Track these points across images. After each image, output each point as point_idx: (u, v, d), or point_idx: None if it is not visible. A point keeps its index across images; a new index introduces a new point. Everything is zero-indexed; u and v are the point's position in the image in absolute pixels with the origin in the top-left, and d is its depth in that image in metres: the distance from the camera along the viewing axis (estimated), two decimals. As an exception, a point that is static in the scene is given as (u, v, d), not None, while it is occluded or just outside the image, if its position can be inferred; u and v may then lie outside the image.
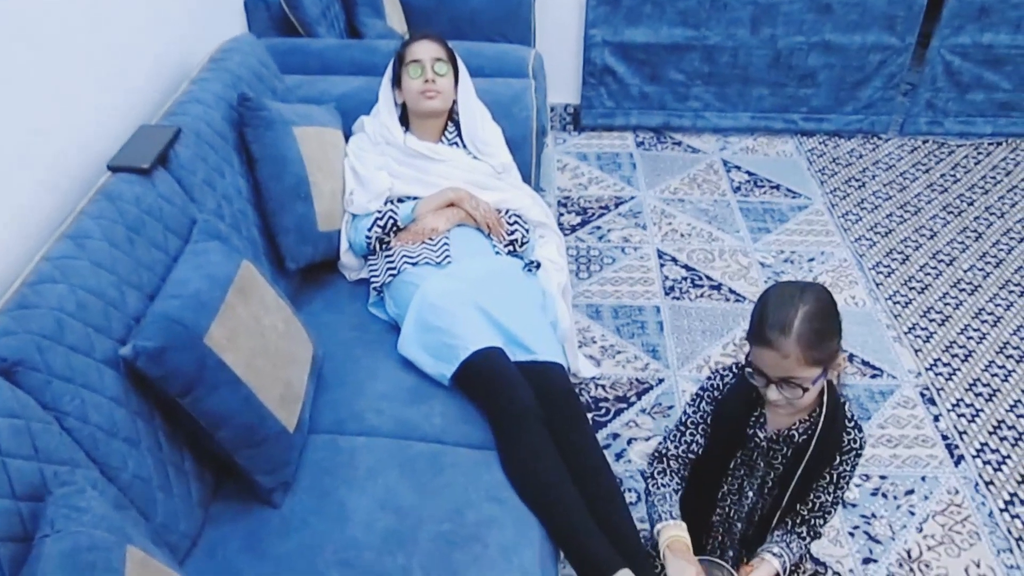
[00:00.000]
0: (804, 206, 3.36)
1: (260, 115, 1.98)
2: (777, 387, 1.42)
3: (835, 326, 1.41)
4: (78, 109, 1.70)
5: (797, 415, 1.53)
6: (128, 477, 1.34)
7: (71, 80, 1.68)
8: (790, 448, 1.55)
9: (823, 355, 1.39)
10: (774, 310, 1.39)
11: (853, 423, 1.55)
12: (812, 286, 1.43)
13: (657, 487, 1.63)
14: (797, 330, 1.36)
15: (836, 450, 1.54)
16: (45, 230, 1.56)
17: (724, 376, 1.62)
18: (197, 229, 1.66)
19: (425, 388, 1.85)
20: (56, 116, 1.63)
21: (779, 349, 1.37)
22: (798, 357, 1.36)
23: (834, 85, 3.68)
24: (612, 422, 2.41)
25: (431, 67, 2.16)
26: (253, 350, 1.54)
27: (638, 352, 2.64)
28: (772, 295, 1.43)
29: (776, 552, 1.57)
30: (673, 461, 1.65)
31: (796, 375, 1.39)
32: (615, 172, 3.56)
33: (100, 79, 1.79)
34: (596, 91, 3.72)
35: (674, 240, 3.15)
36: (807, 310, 1.37)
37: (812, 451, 1.52)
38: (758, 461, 1.60)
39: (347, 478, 1.63)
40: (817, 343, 1.37)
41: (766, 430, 1.56)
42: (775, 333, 1.37)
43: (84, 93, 1.73)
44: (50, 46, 1.61)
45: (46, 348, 1.26)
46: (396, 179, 2.17)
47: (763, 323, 1.39)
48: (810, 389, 1.41)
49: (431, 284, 1.96)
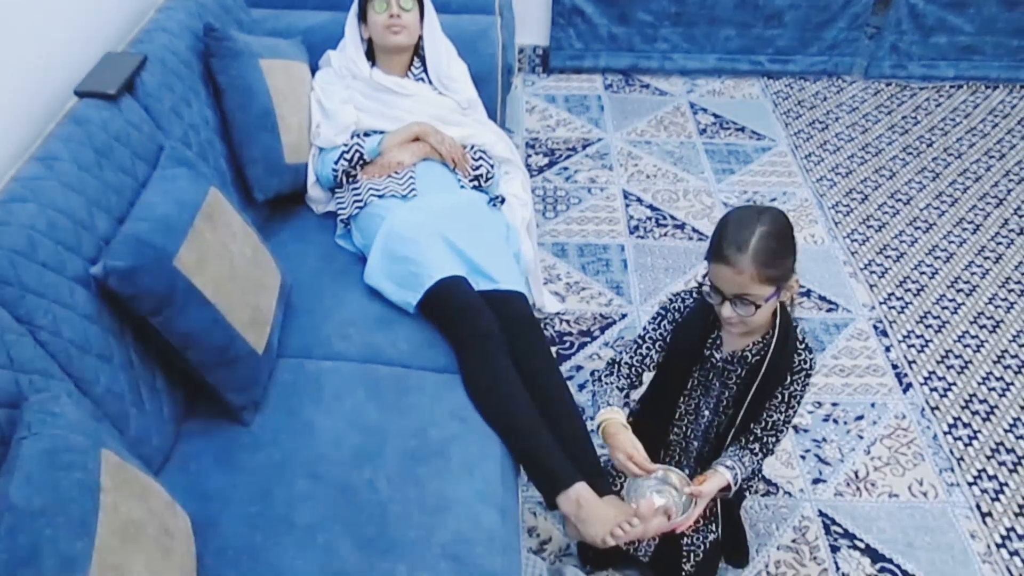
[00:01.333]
0: (768, 148, 3.42)
1: (226, 45, 1.98)
2: (732, 304, 1.48)
3: (789, 247, 1.48)
4: (43, 35, 1.71)
5: (751, 336, 1.60)
6: (101, 391, 1.39)
7: (36, 6, 1.68)
8: (744, 368, 1.63)
9: (777, 273, 1.46)
10: (733, 229, 1.46)
11: (804, 344, 1.62)
12: (769, 209, 1.49)
13: (602, 384, 1.71)
14: (753, 248, 1.42)
15: (787, 370, 1.61)
16: (14, 152, 1.58)
17: (685, 299, 1.69)
18: (165, 156, 1.68)
19: (391, 315, 1.90)
20: (21, 42, 1.63)
21: (735, 266, 1.43)
22: (752, 274, 1.43)
23: (800, 25, 3.71)
24: (576, 355, 2.48)
25: (396, 2, 2.17)
26: (222, 274, 1.58)
27: (602, 288, 2.71)
28: (732, 216, 1.50)
29: (728, 465, 1.65)
30: (624, 367, 1.71)
31: (750, 292, 1.46)
32: (583, 114, 3.59)
33: (65, 6, 1.79)
34: (565, 32, 3.72)
35: (640, 181, 3.20)
36: (763, 230, 1.44)
37: (765, 370, 1.60)
38: (714, 381, 1.68)
39: (315, 399, 1.68)
40: (771, 261, 1.44)
41: (722, 351, 1.64)
42: (732, 250, 1.44)
43: (48, 19, 1.73)
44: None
45: (19, 263, 1.29)
46: (362, 113, 2.20)
47: (722, 241, 1.46)
48: (763, 307, 1.48)
49: (397, 215, 2.00)
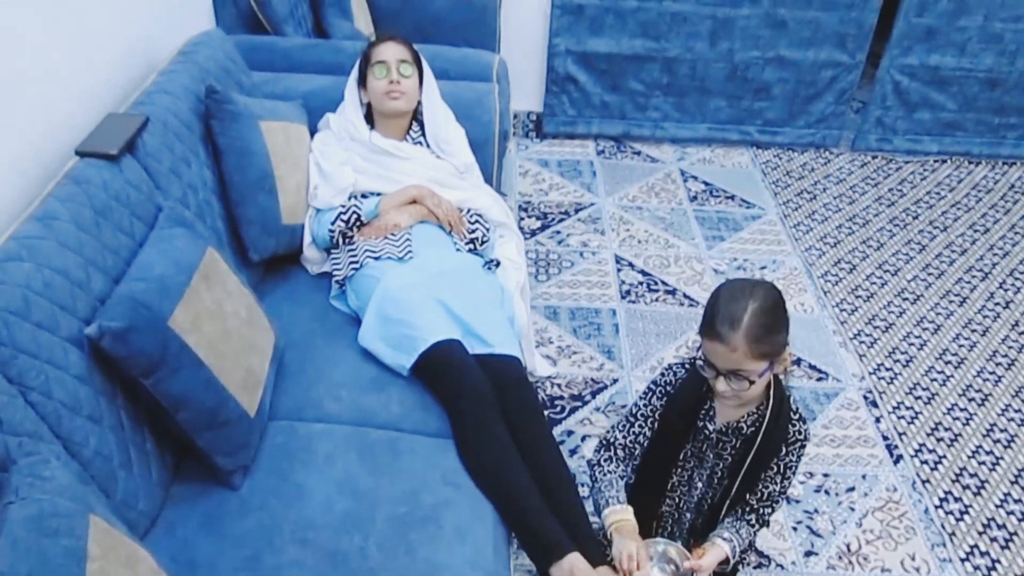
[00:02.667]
0: (758, 216, 3.46)
1: (227, 108, 2.01)
2: (726, 379, 1.48)
3: (782, 322, 1.48)
4: (47, 96, 1.72)
5: (745, 407, 1.60)
6: (90, 454, 1.36)
7: (40, 67, 1.70)
8: (739, 440, 1.62)
9: (770, 349, 1.45)
10: (725, 305, 1.45)
11: (798, 415, 1.62)
12: (762, 283, 1.49)
13: (603, 473, 1.68)
14: (746, 324, 1.42)
15: (782, 441, 1.60)
16: (13, 212, 1.58)
17: (676, 372, 1.68)
18: (163, 216, 1.69)
19: (384, 378, 1.89)
20: (25, 102, 1.65)
21: (728, 343, 1.43)
22: (745, 351, 1.43)
23: (788, 99, 3.80)
24: (567, 419, 2.47)
25: (396, 68, 2.20)
26: (216, 334, 1.57)
27: (594, 353, 2.71)
28: (724, 291, 1.49)
29: (726, 537, 1.63)
30: (620, 450, 1.70)
31: (744, 368, 1.45)
32: (576, 179, 3.63)
33: (69, 67, 1.81)
34: (558, 99, 3.79)
35: (632, 246, 3.23)
36: (756, 306, 1.43)
37: (760, 442, 1.59)
38: (707, 453, 1.66)
39: (305, 462, 1.66)
40: (764, 337, 1.43)
41: (716, 422, 1.63)
42: (725, 327, 1.43)
43: (53, 80, 1.75)
44: (18, 33, 1.63)
45: (12, 323, 1.28)
46: (360, 175, 2.22)
47: (714, 317, 1.46)
48: (756, 382, 1.48)
49: (392, 277, 2.00)
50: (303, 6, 2.88)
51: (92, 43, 1.93)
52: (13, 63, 1.61)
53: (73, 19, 1.84)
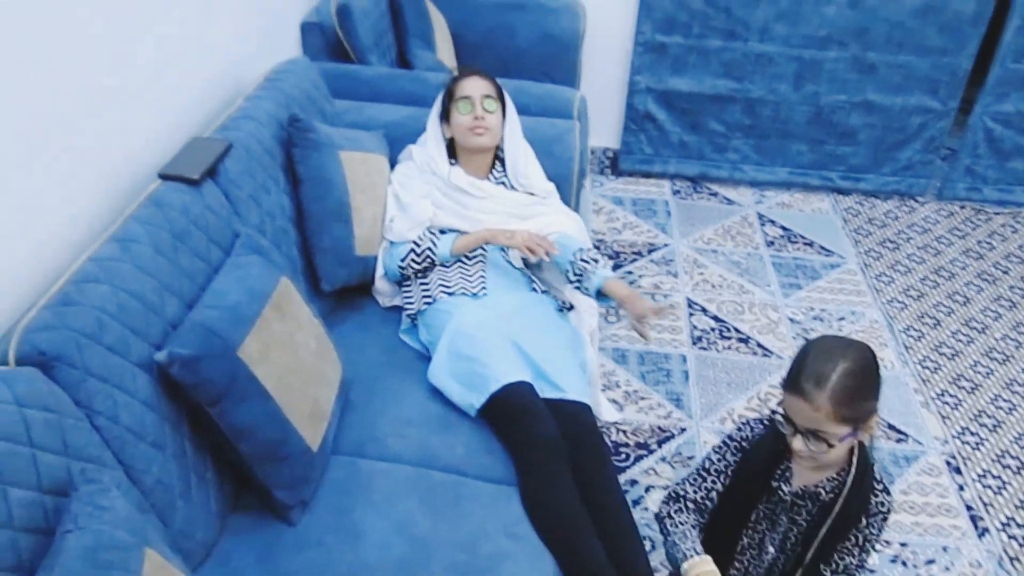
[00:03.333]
0: (837, 264, 3.35)
1: (308, 136, 2.01)
2: (804, 438, 1.41)
3: (872, 388, 1.40)
4: (134, 118, 1.74)
5: (823, 471, 1.51)
6: (151, 481, 1.35)
7: (129, 90, 1.73)
8: (815, 505, 1.53)
9: (855, 414, 1.38)
10: (814, 361, 1.38)
11: (882, 486, 1.53)
12: (857, 344, 1.42)
13: (675, 525, 1.59)
14: (833, 385, 1.35)
15: (863, 511, 1.51)
16: (95, 231, 1.60)
17: (754, 428, 1.61)
18: (240, 243, 1.69)
19: (449, 417, 1.85)
20: (113, 124, 1.67)
21: (811, 401, 1.36)
22: (828, 412, 1.35)
23: (873, 145, 3.68)
24: (631, 468, 2.39)
25: (480, 104, 2.17)
26: (284, 366, 1.55)
27: (662, 400, 2.63)
28: (815, 346, 1.42)
29: None
30: (690, 503, 1.62)
31: (824, 429, 1.38)
32: (650, 218, 3.57)
33: (157, 91, 1.83)
34: (636, 137, 3.74)
35: (705, 290, 3.14)
36: (846, 367, 1.36)
37: (838, 511, 1.50)
38: (781, 516, 1.58)
39: (365, 501, 1.63)
40: (850, 401, 1.36)
41: (791, 484, 1.55)
42: (810, 384, 1.36)
43: (141, 103, 1.77)
44: (111, 57, 1.66)
45: (85, 346, 1.28)
46: (439, 210, 2.18)
47: (800, 372, 1.39)
48: (836, 446, 1.40)
49: (466, 314, 1.97)
50: (388, 36, 2.90)
51: (183, 67, 1.95)
52: (104, 82, 1.64)
53: (165, 43, 1.87)
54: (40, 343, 1.24)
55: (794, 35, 3.44)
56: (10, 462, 1.10)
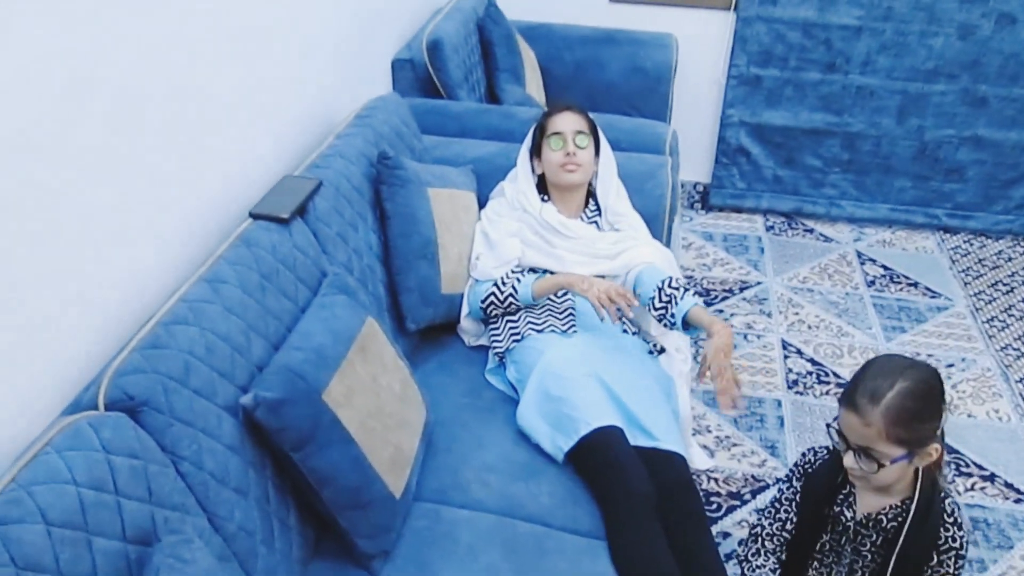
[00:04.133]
0: (944, 307, 3.16)
1: (397, 173, 2.00)
2: (855, 455, 1.39)
3: (931, 412, 1.37)
4: (229, 158, 1.76)
5: (886, 496, 1.48)
6: (234, 528, 1.33)
7: (224, 131, 1.74)
8: (879, 535, 1.49)
9: (909, 436, 1.35)
10: (872, 377, 1.37)
11: (953, 519, 1.46)
12: (920, 364, 1.39)
13: (752, 569, 1.57)
14: (887, 402, 1.34)
15: (932, 547, 1.45)
16: (186, 270, 1.60)
17: (817, 453, 1.59)
18: (327, 282, 1.67)
19: (534, 464, 1.79)
20: (207, 164, 1.68)
21: (863, 416, 1.35)
22: (880, 430, 1.34)
23: (983, 182, 3.49)
24: (723, 520, 2.27)
25: (572, 139, 2.12)
26: (368, 410, 1.52)
27: (755, 447, 2.51)
28: (876, 362, 1.41)
29: None
30: (768, 541, 1.59)
31: (876, 448, 1.36)
32: (742, 255, 3.45)
33: (251, 131, 1.85)
34: (728, 171, 3.64)
35: (800, 331, 3.01)
36: (905, 386, 1.35)
37: (903, 542, 1.45)
38: (845, 546, 1.53)
39: (448, 552, 1.57)
40: (905, 422, 1.34)
41: (854, 511, 1.51)
42: (864, 399, 1.35)
43: (236, 143, 1.78)
44: (207, 99, 1.67)
45: (172, 390, 1.27)
46: (528, 248, 2.13)
47: (856, 387, 1.38)
48: (887, 467, 1.37)
49: (555, 352, 1.91)
50: (478, 71, 2.89)
51: (277, 107, 1.97)
52: (200, 123, 1.65)
53: (260, 84, 1.88)
54: (129, 387, 1.23)
55: (898, 67, 3.30)
56: (95, 511, 1.09)
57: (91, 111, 1.33)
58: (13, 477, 1.08)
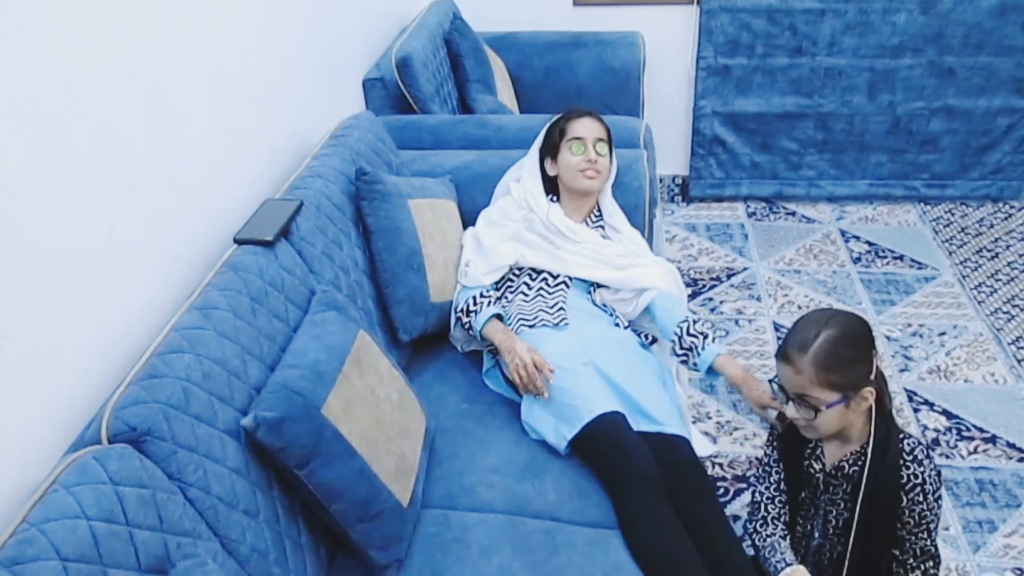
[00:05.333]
0: (931, 277, 3.19)
1: (376, 188, 2.01)
2: (795, 405, 1.48)
3: (858, 355, 1.46)
4: (209, 187, 1.77)
5: (846, 446, 1.54)
6: (247, 550, 1.33)
7: (202, 160, 1.75)
8: (847, 483, 1.54)
9: (840, 380, 1.43)
10: (800, 329, 1.47)
11: (912, 456, 1.50)
12: (843, 314, 1.49)
13: (763, 540, 1.62)
14: (815, 350, 1.42)
15: (897, 487, 1.49)
16: (177, 300, 1.61)
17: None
18: (316, 300, 1.68)
19: (537, 462, 1.80)
20: (189, 194, 1.69)
21: (794, 365, 1.44)
22: (811, 376, 1.43)
23: (958, 151, 3.53)
24: (732, 503, 2.29)
25: (593, 146, 2.14)
26: (368, 421, 1.53)
27: (756, 429, 2.52)
28: (805, 316, 1.51)
29: None
30: (770, 505, 1.64)
31: (811, 394, 1.44)
32: (726, 243, 3.48)
33: (229, 159, 1.86)
34: (705, 161, 3.67)
35: (791, 312, 3.03)
36: (830, 333, 1.43)
37: (865, 485, 1.50)
38: (820, 498, 1.59)
39: (460, 556, 1.58)
40: (833, 366, 1.42)
41: (822, 462, 1.57)
42: (794, 350, 1.45)
43: (214, 172, 1.79)
44: (187, 132, 1.69)
45: (173, 417, 1.28)
46: (528, 249, 2.13)
47: (788, 339, 1.48)
48: (824, 412, 1.45)
49: (550, 345, 1.92)
50: (448, 83, 2.92)
51: (256, 135, 1.98)
52: (180, 156, 1.66)
53: (240, 114, 1.90)
54: (130, 419, 1.24)
55: (864, 45, 3.34)
56: (108, 543, 1.10)
57: (71, 150, 1.34)
58: (24, 517, 1.08)
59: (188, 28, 1.70)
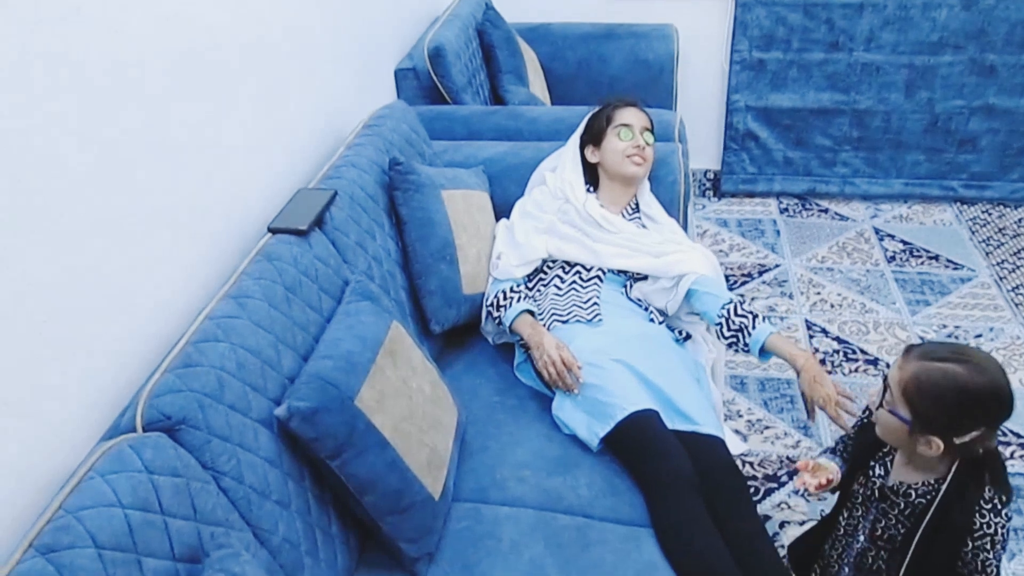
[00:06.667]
0: (968, 278, 3.14)
1: (409, 178, 2.00)
2: (883, 389, 1.42)
3: (958, 409, 1.35)
4: (244, 176, 1.76)
5: (918, 473, 1.47)
6: (278, 540, 1.32)
7: (240, 150, 1.75)
8: (907, 507, 1.47)
9: (918, 406, 1.36)
10: (947, 346, 1.40)
11: (991, 506, 1.41)
12: (991, 375, 1.35)
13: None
14: (927, 366, 1.35)
15: (965, 531, 1.42)
16: (211, 288, 1.61)
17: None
18: (350, 290, 1.67)
19: (570, 457, 1.78)
20: (225, 183, 1.69)
21: (903, 359, 1.39)
22: (903, 380, 1.37)
23: (998, 151, 3.46)
24: (762, 503, 2.26)
25: (640, 134, 2.15)
26: (400, 413, 1.52)
27: (788, 428, 2.49)
28: (968, 346, 1.43)
29: None
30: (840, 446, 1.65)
31: (892, 390, 1.39)
32: (758, 239, 3.44)
33: (265, 148, 1.85)
34: (738, 156, 3.63)
35: (824, 311, 2.99)
36: (952, 369, 1.33)
37: (930, 519, 1.43)
38: (873, 503, 1.54)
39: (491, 551, 1.57)
40: (923, 391, 1.35)
41: (887, 473, 1.51)
42: (917, 350, 1.38)
43: (251, 163, 1.79)
44: (224, 122, 1.68)
45: (207, 406, 1.27)
46: (560, 241, 2.11)
47: (929, 342, 1.42)
48: (884, 411, 1.41)
49: (583, 341, 1.89)
50: (480, 75, 2.89)
51: (291, 125, 1.98)
52: (218, 146, 1.66)
53: (275, 103, 1.89)
54: (165, 407, 1.23)
55: (903, 42, 3.28)
56: (143, 531, 1.09)
57: (114, 135, 1.34)
58: (60, 504, 1.08)
59: (227, 16, 1.69)
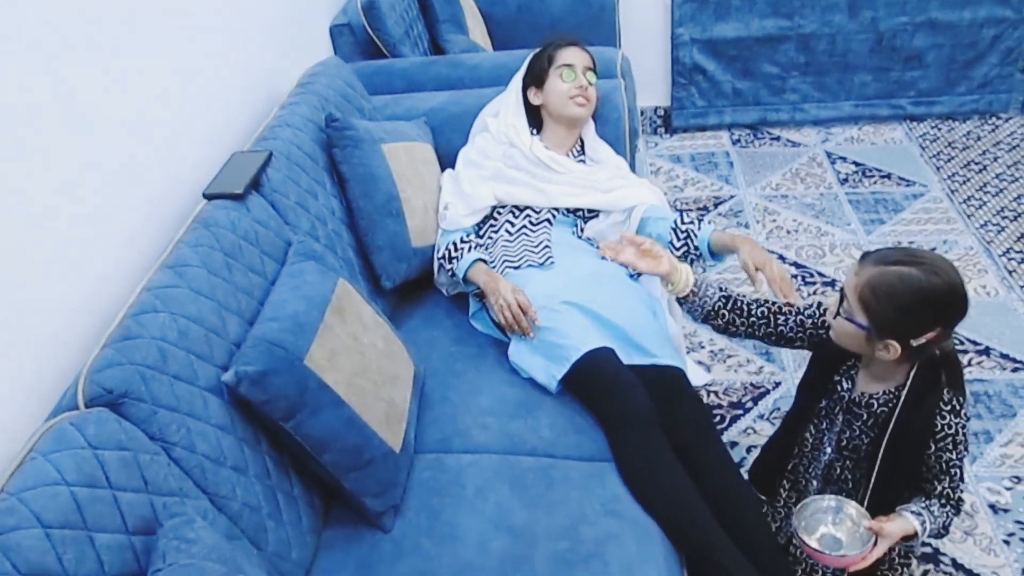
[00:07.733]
0: (920, 194, 3.16)
1: (348, 135, 1.96)
2: (840, 299, 1.42)
3: (910, 309, 1.35)
4: (174, 142, 1.72)
5: (880, 383, 1.50)
6: (238, 506, 1.31)
7: (169, 116, 1.70)
8: (870, 417, 1.50)
9: (875, 310, 1.36)
10: (900, 249, 1.41)
11: (950, 408, 1.45)
12: (945, 275, 1.36)
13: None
14: (882, 270, 1.35)
15: (927, 435, 1.45)
16: (147, 260, 1.57)
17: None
18: (293, 250, 1.64)
19: (531, 400, 1.78)
20: (153, 150, 1.64)
21: (859, 265, 1.39)
22: (859, 285, 1.37)
23: (944, 66, 3.47)
24: (728, 430, 2.29)
25: (583, 74, 2.11)
26: (353, 370, 1.50)
27: (750, 355, 2.51)
28: (923, 250, 1.42)
29: (915, 511, 1.45)
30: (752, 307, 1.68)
31: (849, 297, 1.40)
32: (711, 172, 3.43)
33: (194, 112, 1.80)
34: (686, 91, 3.61)
35: (780, 237, 3.00)
36: (907, 271, 1.33)
37: (892, 430, 1.46)
38: (838, 415, 1.56)
39: (457, 498, 1.57)
40: (879, 295, 1.35)
41: (853, 385, 1.54)
42: (872, 256, 1.39)
43: (179, 126, 1.74)
44: (151, 88, 1.64)
45: (150, 378, 1.25)
46: (509, 185, 2.08)
47: (882, 249, 1.41)
48: (841, 319, 1.42)
49: (536, 285, 1.88)
50: (418, 25, 2.84)
51: (220, 87, 1.93)
52: (146, 113, 1.61)
53: (203, 65, 1.84)
54: (106, 382, 1.21)
55: (842, -40, 3.26)
56: (92, 507, 1.07)
57: (27, 109, 1.29)
58: (2, 487, 1.06)
59: (139, -23, 1.63)
